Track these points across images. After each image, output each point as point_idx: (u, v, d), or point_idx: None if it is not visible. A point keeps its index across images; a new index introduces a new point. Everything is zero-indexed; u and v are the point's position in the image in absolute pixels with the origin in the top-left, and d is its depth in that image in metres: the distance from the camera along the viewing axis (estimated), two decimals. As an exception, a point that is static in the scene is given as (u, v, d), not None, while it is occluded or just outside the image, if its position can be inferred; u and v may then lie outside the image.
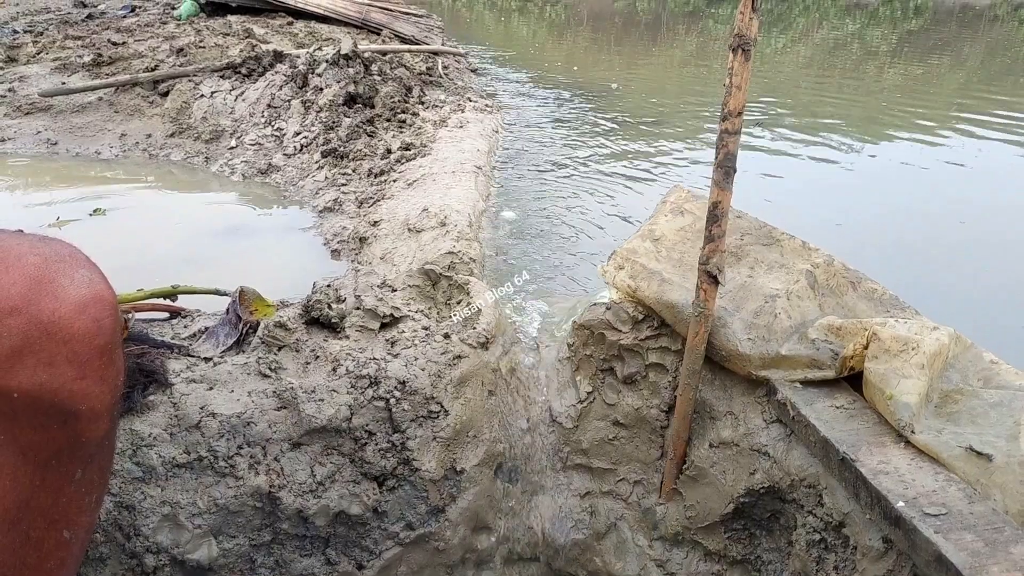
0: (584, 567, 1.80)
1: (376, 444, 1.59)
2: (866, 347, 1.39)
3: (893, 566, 1.23)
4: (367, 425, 1.58)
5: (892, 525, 1.15)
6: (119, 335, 1.04)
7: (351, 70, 4.14)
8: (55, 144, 3.92)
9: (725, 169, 1.42)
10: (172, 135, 4.00)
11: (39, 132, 4.01)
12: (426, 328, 1.74)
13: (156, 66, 4.56)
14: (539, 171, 3.68)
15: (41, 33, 5.65)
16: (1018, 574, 0.98)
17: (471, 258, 1.99)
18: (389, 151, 3.35)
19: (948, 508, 1.13)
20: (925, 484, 1.18)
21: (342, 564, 1.62)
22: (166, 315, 1.86)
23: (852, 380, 1.45)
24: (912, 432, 1.27)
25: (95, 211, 2.85)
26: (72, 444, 1.01)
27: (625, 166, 3.85)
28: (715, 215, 1.44)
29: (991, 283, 2.88)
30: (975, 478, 1.19)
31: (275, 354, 1.62)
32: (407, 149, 3.32)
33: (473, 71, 6.22)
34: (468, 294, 1.81)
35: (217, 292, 1.93)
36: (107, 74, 4.55)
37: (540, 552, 1.79)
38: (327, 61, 4.19)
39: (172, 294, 1.87)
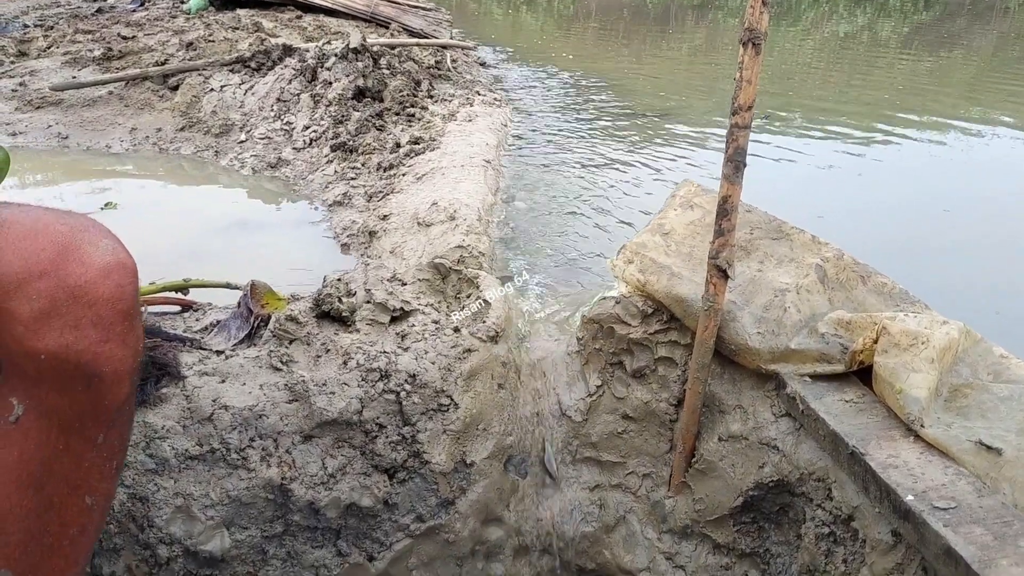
0: (593, 560, 1.81)
1: (387, 437, 1.60)
2: (876, 341, 1.39)
3: (902, 559, 1.23)
4: (378, 418, 1.59)
5: (901, 519, 1.16)
6: (139, 302, 1.07)
7: (360, 64, 4.15)
8: (66, 138, 3.94)
9: (735, 163, 1.42)
10: (182, 129, 4.02)
11: (50, 126, 4.03)
12: (436, 322, 1.74)
13: (166, 60, 4.57)
14: (544, 168, 3.68)
15: (51, 27, 5.68)
16: (1027, 567, 0.99)
17: (480, 252, 2.00)
18: (398, 145, 3.36)
19: (957, 502, 1.13)
20: (935, 478, 1.19)
21: (353, 556, 1.63)
22: (178, 308, 1.88)
23: (862, 374, 1.45)
24: (922, 426, 1.27)
25: (106, 205, 2.87)
26: (94, 408, 1.04)
27: (634, 160, 3.85)
28: (725, 209, 1.44)
29: (1000, 276, 2.87)
30: (985, 472, 1.19)
31: (286, 347, 1.63)
32: (416, 143, 3.33)
33: (482, 64, 6.22)
34: (478, 288, 1.82)
35: (228, 286, 1.94)
36: (117, 68, 4.57)
37: (549, 544, 1.80)
38: (336, 55, 4.19)
39: (184, 288, 1.89)
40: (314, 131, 3.70)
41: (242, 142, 3.83)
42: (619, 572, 1.78)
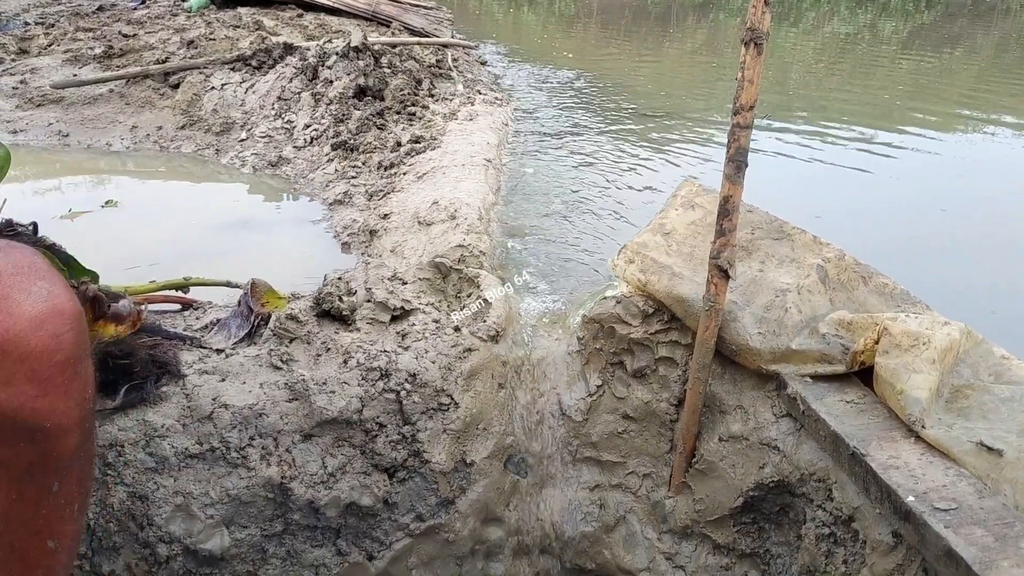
0: (593, 560, 1.81)
1: (387, 436, 1.60)
2: (877, 342, 1.39)
3: (903, 560, 1.23)
4: (378, 417, 1.59)
5: (902, 520, 1.16)
6: (84, 347, 1.01)
7: (361, 63, 4.15)
8: (67, 136, 3.94)
9: (737, 163, 1.42)
10: (183, 127, 4.01)
11: (51, 124, 4.02)
12: (436, 321, 1.74)
13: (167, 58, 4.57)
14: (542, 163, 3.68)
15: (52, 25, 5.67)
16: (1028, 569, 0.98)
17: (481, 251, 1.99)
18: (399, 144, 3.35)
19: (958, 503, 1.13)
20: (935, 479, 1.19)
21: (353, 555, 1.63)
22: (178, 307, 1.88)
23: (863, 375, 1.45)
24: (923, 427, 1.27)
25: (107, 203, 2.86)
26: (44, 459, 1.00)
27: (634, 159, 3.85)
28: (726, 209, 1.44)
29: (999, 276, 2.86)
30: (986, 473, 1.19)
31: (286, 346, 1.63)
32: (417, 142, 3.32)
33: (482, 63, 6.21)
34: (478, 287, 1.82)
35: (228, 284, 1.94)
36: (118, 66, 4.56)
37: (549, 544, 1.80)
38: (337, 54, 4.19)
39: (184, 286, 1.88)
40: (315, 129, 3.70)
41: (243, 140, 3.82)
42: (619, 572, 1.78)
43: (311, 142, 3.64)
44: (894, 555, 1.24)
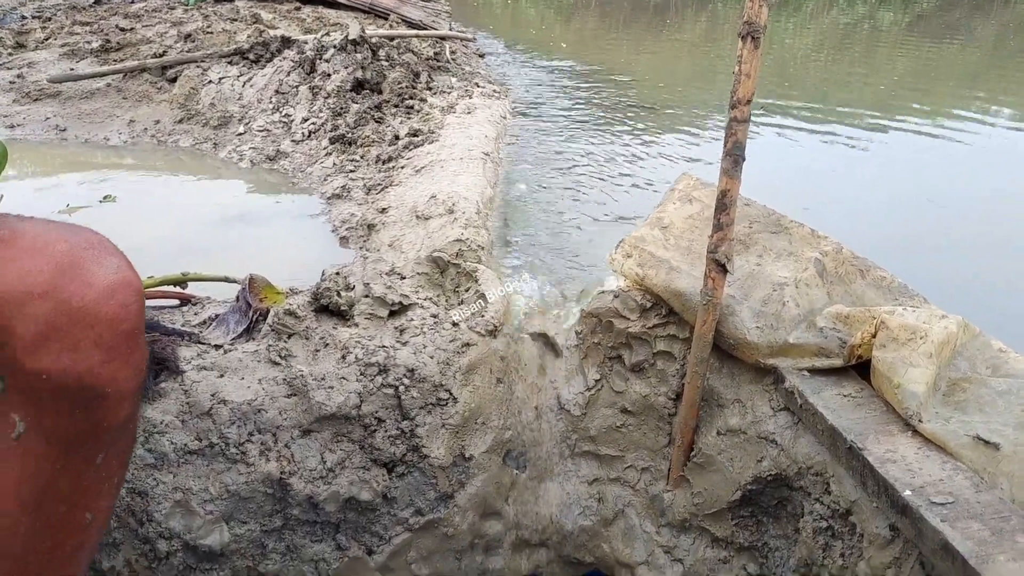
0: (592, 553, 1.81)
1: (385, 431, 1.60)
2: (874, 335, 1.39)
3: (899, 554, 1.24)
4: (376, 412, 1.59)
5: (899, 513, 1.16)
6: (143, 320, 1.06)
7: (359, 56, 4.14)
8: (64, 130, 3.93)
9: (734, 157, 1.42)
10: (180, 121, 4.00)
11: (48, 118, 4.02)
12: (435, 316, 1.74)
13: (164, 52, 4.56)
14: (537, 164, 3.67)
15: (49, 19, 5.65)
16: (1024, 563, 0.99)
17: (479, 245, 1.99)
18: (397, 137, 3.35)
19: (955, 497, 1.13)
20: (932, 473, 1.19)
21: (352, 549, 1.64)
22: (176, 302, 1.88)
23: (860, 368, 1.45)
24: (920, 421, 1.27)
25: (105, 198, 2.86)
26: (95, 428, 1.04)
27: (631, 153, 3.84)
28: (723, 203, 1.44)
29: (1000, 269, 2.86)
30: (982, 467, 1.19)
31: (285, 341, 1.63)
32: (415, 135, 3.32)
33: (480, 56, 6.20)
34: (476, 282, 1.82)
35: (227, 279, 1.94)
36: (115, 60, 4.55)
37: (548, 538, 1.80)
38: (335, 47, 4.18)
39: (182, 281, 1.88)
40: (313, 123, 3.69)
41: (241, 134, 3.82)
42: (617, 565, 1.78)
43: (309, 136, 3.63)
44: (891, 548, 1.25)
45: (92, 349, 0.97)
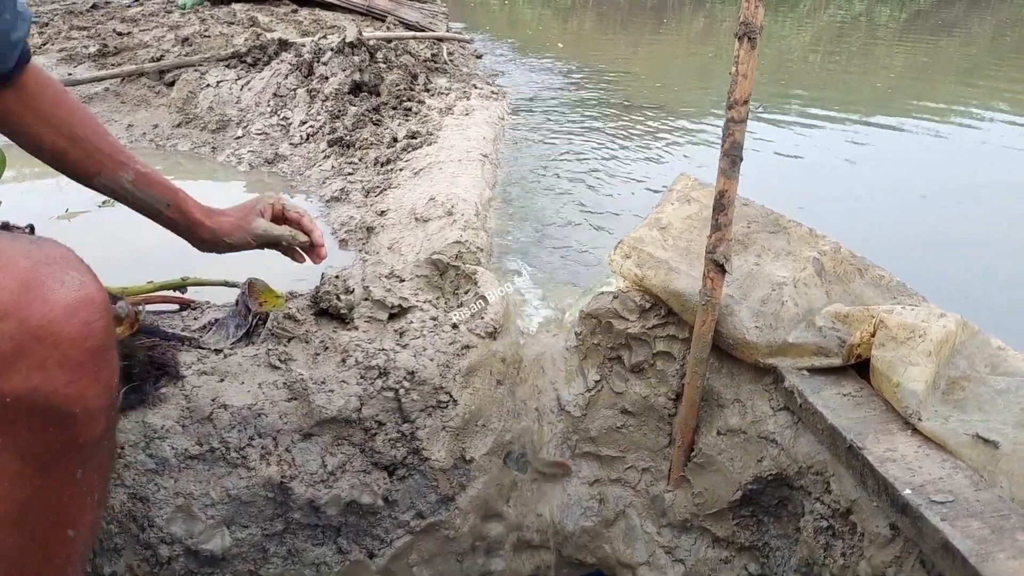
0: (593, 554, 1.81)
1: (386, 434, 1.60)
2: (873, 334, 1.39)
3: (900, 553, 1.24)
4: (377, 415, 1.59)
5: (899, 512, 1.16)
6: (112, 336, 1.04)
7: (356, 58, 4.14)
8: (62, 135, 3.93)
9: (731, 158, 1.42)
10: (179, 125, 4.01)
11: (46, 124, 4.02)
12: (434, 318, 1.75)
13: (162, 56, 4.56)
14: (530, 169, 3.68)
15: (47, 24, 5.65)
16: (1024, 561, 0.99)
17: (478, 247, 2.00)
18: (395, 139, 3.35)
19: (955, 495, 1.13)
20: (932, 471, 1.19)
21: (354, 553, 1.64)
22: (176, 307, 1.88)
23: (859, 368, 1.45)
24: (919, 419, 1.27)
25: (104, 203, 2.86)
26: (70, 445, 1.02)
27: (628, 153, 3.85)
28: (721, 204, 1.44)
29: (998, 267, 2.87)
30: (982, 465, 1.19)
31: (285, 345, 1.63)
32: (413, 137, 3.32)
33: (478, 57, 6.20)
34: (476, 284, 1.82)
35: (226, 284, 1.94)
36: (113, 64, 4.55)
37: (549, 539, 1.81)
38: (332, 49, 4.18)
39: (182, 286, 1.89)
40: (311, 126, 3.69)
41: (239, 138, 3.82)
42: (619, 566, 1.79)
43: (307, 139, 3.63)
44: (891, 547, 1.25)
45: (57, 369, 0.95)
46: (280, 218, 1.69)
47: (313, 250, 1.72)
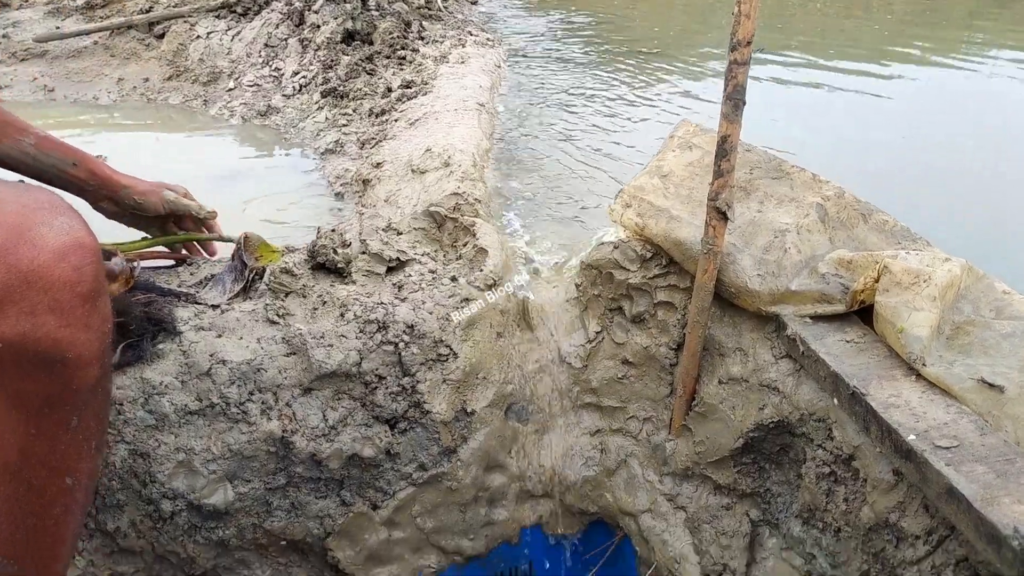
0: (595, 503, 1.82)
1: (387, 388, 1.60)
2: (877, 280, 1.37)
3: (903, 498, 1.24)
4: (377, 369, 1.58)
5: (903, 458, 1.16)
6: (103, 282, 1.03)
7: (348, 5, 4.05)
8: (52, 91, 3.87)
9: (734, 101, 1.39)
10: (169, 78, 3.95)
11: (35, 79, 3.95)
12: (433, 271, 1.73)
13: (151, 7, 4.47)
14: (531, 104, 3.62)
15: (31, -24, 5.53)
16: (1029, 505, 0.98)
17: (476, 199, 1.97)
18: (389, 89, 3.30)
19: (959, 440, 1.13)
20: (936, 417, 1.18)
21: (357, 505, 1.64)
22: (171, 263, 1.86)
23: (863, 314, 1.44)
24: (923, 365, 1.26)
25: (96, 158, 2.82)
26: (63, 392, 1.02)
27: (628, 99, 3.79)
28: (724, 149, 1.41)
29: (1007, 211, 2.84)
30: (987, 410, 1.19)
31: (282, 300, 1.62)
32: (408, 87, 3.27)
33: (473, 2, 6.09)
34: (474, 236, 1.80)
35: (221, 238, 1.91)
36: (101, 17, 4.46)
37: (551, 489, 1.81)
38: (323, -3, 4.09)
39: (176, 242, 1.86)
40: (303, 77, 3.63)
41: (231, 90, 3.76)
42: (621, 514, 1.80)
43: (300, 90, 3.58)
44: (895, 493, 1.25)
45: (48, 314, 0.95)
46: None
47: (208, 247, 1.88)
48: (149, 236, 1.83)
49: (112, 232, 1.73)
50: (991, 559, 0.99)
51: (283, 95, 3.59)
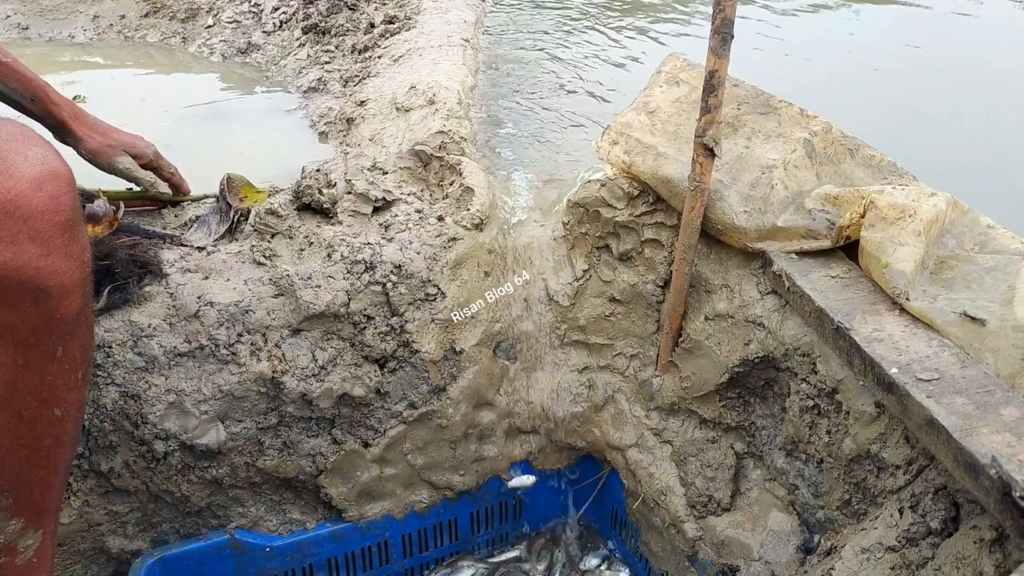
0: (583, 438, 1.85)
1: (375, 328, 1.60)
2: (863, 215, 1.38)
3: (885, 430, 1.26)
4: (365, 310, 1.59)
5: (885, 391, 1.18)
6: (79, 211, 1.03)
7: (328, -62, 3.94)
8: (26, 28, 3.77)
9: (722, 35, 1.37)
10: (146, 15, 3.84)
11: (8, 16, 3.84)
12: (419, 211, 1.72)
13: (123, -60, 4.33)
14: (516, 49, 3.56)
15: (-2, -93, 5.33)
16: (1007, 435, 1.01)
17: (462, 137, 1.95)
18: (372, 25, 3.23)
19: (941, 373, 1.14)
20: (919, 350, 1.20)
21: (348, 443, 1.67)
22: (155, 207, 1.84)
23: (848, 250, 1.45)
24: (907, 299, 1.27)
25: (75, 98, 2.77)
26: (47, 322, 1.03)
27: (616, 34, 3.73)
28: (711, 85, 1.40)
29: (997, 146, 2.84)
30: (968, 343, 1.20)
31: (268, 241, 1.61)
32: (391, 22, 3.20)
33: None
34: (460, 175, 1.79)
35: (194, 199, 1.88)
36: (72, -49, 4.32)
37: (540, 425, 1.84)
38: (302, -71, 3.97)
39: (160, 197, 1.82)
40: (284, 12, 3.55)
41: (210, 27, 3.67)
42: (608, 448, 1.83)
43: (280, 26, 3.50)
44: (876, 425, 1.27)
45: (28, 242, 0.95)
46: (151, 168, 1.74)
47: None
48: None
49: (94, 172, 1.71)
50: (969, 487, 1.02)
51: (263, 32, 3.51)
